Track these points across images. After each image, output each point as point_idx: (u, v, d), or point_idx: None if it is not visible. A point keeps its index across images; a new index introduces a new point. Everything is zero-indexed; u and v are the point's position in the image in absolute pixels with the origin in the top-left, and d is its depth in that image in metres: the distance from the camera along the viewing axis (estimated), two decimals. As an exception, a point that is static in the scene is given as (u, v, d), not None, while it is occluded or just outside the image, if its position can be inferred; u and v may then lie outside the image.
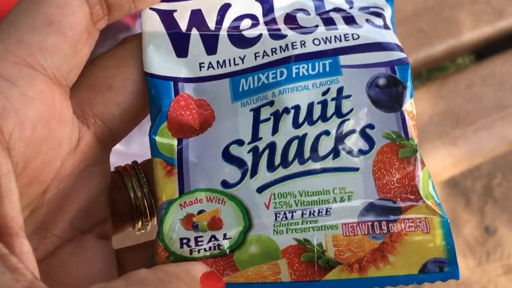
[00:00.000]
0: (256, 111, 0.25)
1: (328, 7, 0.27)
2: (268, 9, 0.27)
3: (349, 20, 0.27)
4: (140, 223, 0.27)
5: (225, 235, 0.25)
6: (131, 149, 0.48)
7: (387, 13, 0.28)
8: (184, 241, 0.25)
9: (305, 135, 0.25)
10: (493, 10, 0.70)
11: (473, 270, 1.17)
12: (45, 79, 0.23)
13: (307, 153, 0.25)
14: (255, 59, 0.26)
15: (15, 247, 0.19)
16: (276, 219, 0.25)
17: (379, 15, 0.27)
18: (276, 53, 0.26)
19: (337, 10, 0.27)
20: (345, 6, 0.28)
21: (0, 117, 0.21)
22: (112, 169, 0.28)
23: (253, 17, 0.27)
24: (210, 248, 0.25)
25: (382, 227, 0.25)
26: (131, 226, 0.28)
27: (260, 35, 0.26)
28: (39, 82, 0.22)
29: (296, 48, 0.26)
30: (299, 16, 0.27)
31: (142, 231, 0.29)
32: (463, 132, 0.64)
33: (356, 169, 0.25)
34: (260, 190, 0.25)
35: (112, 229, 0.28)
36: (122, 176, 0.28)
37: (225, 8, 0.27)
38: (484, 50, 0.75)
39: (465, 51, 0.72)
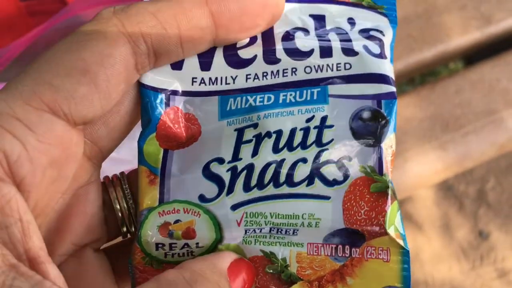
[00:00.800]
0: (240, 132, 0.26)
1: (329, 26, 0.28)
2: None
3: (346, 46, 0.27)
4: (126, 232, 0.28)
5: (197, 244, 0.26)
6: (122, 154, 0.49)
7: (388, 37, 0.28)
8: (160, 245, 0.26)
9: (283, 160, 0.26)
10: (481, 16, 0.71)
11: (467, 274, 1.17)
12: (64, 124, 0.23)
13: (282, 178, 0.26)
14: (246, 81, 0.27)
15: (48, 272, 0.21)
16: (245, 233, 0.26)
17: (378, 40, 0.27)
18: (266, 78, 0.27)
19: (336, 30, 0.28)
20: (346, 27, 0.28)
21: (14, 164, 0.22)
22: (101, 178, 0.29)
23: None
24: (183, 253, 0.26)
25: (345, 250, 0.26)
26: (119, 236, 0.29)
27: (255, 57, 0.27)
28: (58, 128, 0.23)
29: (287, 75, 0.27)
30: (298, 36, 0.27)
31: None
32: (452, 136, 0.65)
33: (328, 198, 0.26)
34: (234, 207, 0.26)
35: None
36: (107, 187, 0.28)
37: None
38: (473, 56, 0.76)
39: (455, 56, 0.72)
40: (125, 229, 0.28)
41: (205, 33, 0.25)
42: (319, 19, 0.28)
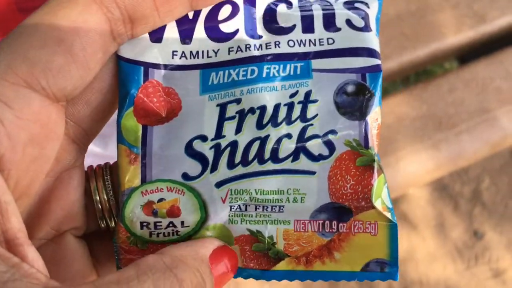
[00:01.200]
0: (223, 107, 0.26)
1: None
2: None
3: (329, 20, 0.27)
4: (105, 224, 0.28)
5: (182, 222, 0.26)
6: (109, 151, 0.48)
7: (373, 9, 0.27)
8: (144, 224, 0.26)
9: (267, 136, 0.25)
10: (475, 14, 0.71)
11: (461, 273, 1.17)
12: (42, 99, 0.23)
13: (267, 154, 0.25)
14: (229, 53, 0.26)
15: (26, 255, 0.20)
16: (230, 210, 0.26)
17: (362, 13, 0.27)
18: (249, 50, 0.26)
19: (321, 2, 0.27)
20: None
21: None
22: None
23: (233, 3, 0.27)
24: (168, 233, 0.26)
25: (332, 226, 0.26)
26: (99, 227, 0.28)
27: (237, 31, 0.26)
28: (36, 103, 0.22)
29: (270, 48, 0.26)
30: (280, 9, 0.27)
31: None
32: (445, 135, 0.65)
33: (313, 173, 0.26)
34: (219, 185, 0.26)
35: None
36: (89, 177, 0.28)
37: None
38: (466, 54, 0.76)
39: (448, 55, 0.72)
40: (103, 223, 0.27)
41: None
42: None
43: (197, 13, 0.26)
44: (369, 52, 0.26)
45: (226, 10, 0.26)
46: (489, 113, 0.66)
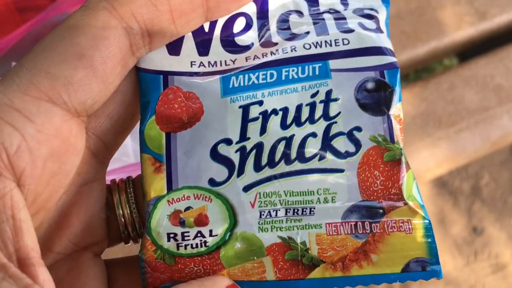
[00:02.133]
0: (245, 109, 0.26)
1: (322, 7, 0.28)
2: (262, 8, 0.27)
3: (341, 24, 0.27)
4: (128, 239, 0.28)
5: (211, 231, 0.25)
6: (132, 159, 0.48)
7: (382, 15, 0.28)
8: (171, 235, 0.25)
9: (292, 136, 0.25)
10: (475, 11, 0.71)
11: (461, 269, 1.17)
12: (64, 113, 0.23)
13: (293, 154, 0.25)
14: (246, 61, 0.26)
15: (37, 276, 0.20)
16: (260, 216, 0.25)
17: (372, 17, 0.27)
18: (266, 56, 0.26)
19: (330, 11, 0.28)
20: (339, 8, 0.28)
21: (14, 156, 0.21)
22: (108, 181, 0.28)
23: (247, 16, 0.27)
24: (196, 244, 0.25)
25: (365, 227, 0.25)
26: (121, 241, 0.28)
27: (252, 44, 0.27)
28: (57, 117, 0.22)
29: (287, 52, 0.26)
30: (292, 19, 0.27)
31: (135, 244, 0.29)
32: (445, 133, 0.65)
33: (341, 171, 0.25)
34: (246, 189, 0.25)
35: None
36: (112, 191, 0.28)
37: None
38: (467, 52, 0.76)
39: (448, 53, 0.72)
40: (126, 235, 0.27)
41: (196, 6, 0.24)
42: (313, 2, 0.28)
43: (212, 25, 0.27)
44: (384, 51, 0.27)
45: (240, 22, 0.27)
46: (489, 111, 0.66)
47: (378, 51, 0.26)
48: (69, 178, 0.24)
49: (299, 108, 0.26)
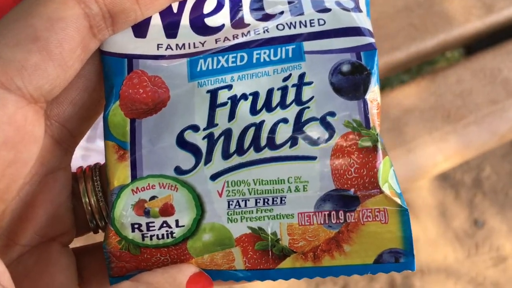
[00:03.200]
0: (213, 94, 0.24)
1: None
2: None
3: (318, 2, 0.26)
4: (97, 229, 0.27)
5: (177, 222, 0.24)
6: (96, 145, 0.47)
7: None
8: (136, 226, 0.24)
9: (262, 122, 0.24)
10: (483, 4, 0.70)
11: (462, 262, 1.17)
12: (18, 100, 0.22)
13: (263, 141, 0.24)
14: (216, 43, 0.25)
15: None
16: (229, 206, 0.24)
17: None
18: (237, 38, 0.25)
19: None
20: None
21: None
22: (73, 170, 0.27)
23: None
24: (162, 235, 0.24)
25: (339, 216, 0.24)
26: (90, 231, 0.28)
27: (222, 26, 0.25)
28: (11, 104, 0.21)
29: (259, 34, 0.25)
30: None
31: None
32: (453, 127, 0.64)
33: (314, 158, 0.24)
34: (214, 177, 0.24)
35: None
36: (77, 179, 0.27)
37: None
38: (474, 45, 0.75)
39: (456, 45, 0.72)
40: (93, 224, 0.26)
41: None
42: None
43: (181, 6, 0.25)
44: (362, 31, 0.25)
45: (211, 2, 0.25)
46: (497, 104, 0.66)
47: (355, 31, 0.25)
48: (28, 168, 0.23)
49: (270, 92, 0.25)
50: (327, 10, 0.26)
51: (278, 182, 0.24)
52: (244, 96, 0.24)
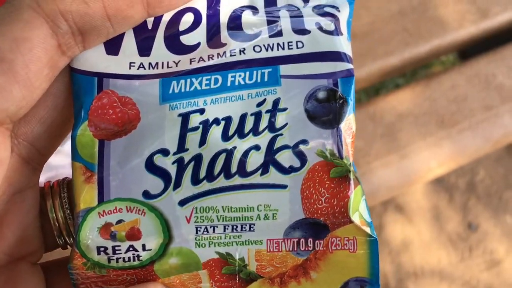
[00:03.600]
0: (185, 117, 0.24)
1: (280, 2, 0.26)
2: (213, 3, 0.25)
3: (297, 23, 0.25)
4: (65, 245, 0.26)
5: (144, 246, 0.24)
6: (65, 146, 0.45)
7: (344, 14, 0.26)
8: (102, 249, 0.24)
9: (233, 148, 0.24)
10: (477, 10, 0.70)
11: (456, 265, 1.18)
12: None
13: (234, 168, 0.24)
14: (190, 63, 0.25)
15: None
16: (197, 232, 0.24)
17: (332, 16, 0.25)
18: (212, 59, 0.25)
19: (288, 7, 0.26)
20: (299, 3, 0.26)
21: None
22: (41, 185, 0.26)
23: (195, 12, 0.25)
24: (129, 258, 0.24)
25: (308, 244, 0.24)
26: (58, 246, 0.27)
27: (199, 44, 0.25)
28: None
29: (235, 55, 0.25)
30: (245, 16, 0.25)
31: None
32: (448, 133, 0.64)
33: (284, 187, 0.24)
34: (182, 203, 0.24)
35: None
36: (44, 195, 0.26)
37: None
38: (469, 50, 0.75)
39: (449, 51, 0.71)
40: (62, 240, 0.26)
41: (133, 2, 0.22)
42: None
43: (156, 22, 0.25)
44: (340, 56, 0.25)
45: (187, 19, 0.25)
46: (491, 110, 0.66)
47: (333, 56, 0.25)
48: None
49: (243, 117, 0.24)
50: (307, 32, 0.25)
51: (248, 210, 0.24)
52: (217, 121, 0.24)
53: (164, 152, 0.24)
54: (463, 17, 0.70)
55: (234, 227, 0.24)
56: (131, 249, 0.24)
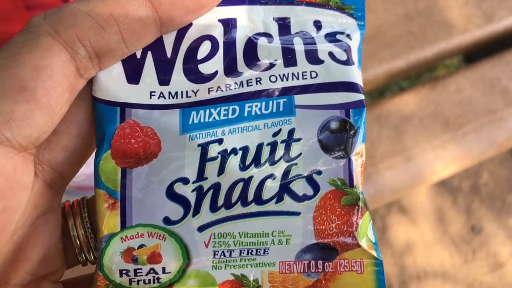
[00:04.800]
0: (204, 147, 0.25)
1: (294, 29, 0.27)
2: (229, 30, 0.26)
3: (311, 52, 0.26)
4: (86, 262, 0.27)
5: (164, 269, 0.25)
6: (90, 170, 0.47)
7: (355, 41, 0.27)
8: (124, 271, 0.25)
9: (250, 178, 0.25)
10: (483, 13, 0.70)
11: (459, 268, 1.18)
12: (7, 151, 0.22)
13: (250, 196, 0.25)
14: (209, 93, 0.25)
15: None
16: (214, 256, 0.25)
17: (344, 45, 0.27)
18: (230, 89, 0.26)
19: (302, 35, 0.27)
20: (312, 31, 0.27)
21: None
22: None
23: (213, 40, 0.26)
24: (149, 280, 0.25)
25: (318, 266, 0.26)
26: (79, 263, 0.28)
27: (216, 72, 0.26)
28: (0, 156, 0.22)
29: (251, 85, 0.26)
30: (261, 43, 0.26)
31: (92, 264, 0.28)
32: (452, 135, 0.65)
33: (298, 214, 0.25)
34: (201, 229, 0.25)
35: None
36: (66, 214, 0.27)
37: (185, 26, 0.26)
38: (474, 54, 0.76)
39: (455, 54, 0.72)
40: (83, 257, 0.27)
41: (147, 23, 0.23)
42: (284, 23, 0.27)
43: (175, 50, 0.26)
44: (352, 87, 0.26)
45: (205, 47, 0.26)
46: (496, 113, 0.66)
47: (346, 86, 0.26)
48: (19, 213, 0.24)
49: (259, 147, 0.25)
50: (320, 61, 0.26)
51: (263, 235, 0.25)
52: (234, 151, 0.25)
53: (184, 180, 0.25)
54: (469, 21, 0.70)
55: (250, 251, 0.25)
56: (151, 271, 0.25)
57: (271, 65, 0.26)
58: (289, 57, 0.26)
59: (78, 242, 0.26)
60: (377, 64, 0.66)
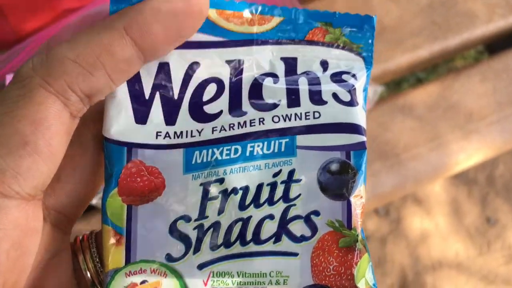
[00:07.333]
0: (205, 187, 0.26)
1: (300, 70, 0.27)
2: (236, 72, 0.27)
3: (315, 92, 0.27)
4: None
5: None
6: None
7: (361, 81, 0.27)
8: None
9: (249, 217, 0.26)
10: (506, 3, 0.70)
11: (474, 259, 1.18)
12: (18, 203, 0.23)
13: (249, 236, 0.26)
14: (212, 133, 0.26)
15: None
16: None
17: (349, 86, 0.27)
18: (233, 129, 0.26)
19: (307, 76, 0.27)
20: (318, 71, 0.27)
21: None
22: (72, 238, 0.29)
23: (218, 82, 0.27)
24: None
25: None
26: None
27: (221, 112, 0.26)
28: (13, 210, 0.23)
29: (254, 125, 0.26)
30: (266, 84, 0.27)
31: None
32: (476, 126, 0.64)
33: (295, 254, 0.26)
34: (201, 267, 0.26)
35: None
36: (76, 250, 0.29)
37: (193, 67, 0.26)
38: (497, 44, 0.75)
39: (478, 44, 0.72)
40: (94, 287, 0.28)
41: (132, 61, 0.24)
42: (291, 63, 0.27)
43: (182, 92, 0.26)
44: (354, 129, 0.26)
45: (211, 89, 0.27)
46: (520, 104, 0.66)
47: (348, 128, 0.26)
48: (33, 257, 0.25)
49: (259, 187, 0.26)
50: (324, 102, 0.26)
51: (260, 275, 0.26)
52: (235, 191, 0.26)
53: (186, 218, 0.26)
54: (492, 10, 0.70)
55: None
56: None
57: (275, 106, 0.26)
58: (293, 97, 0.27)
59: (89, 275, 0.28)
60: (400, 54, 0.65)
